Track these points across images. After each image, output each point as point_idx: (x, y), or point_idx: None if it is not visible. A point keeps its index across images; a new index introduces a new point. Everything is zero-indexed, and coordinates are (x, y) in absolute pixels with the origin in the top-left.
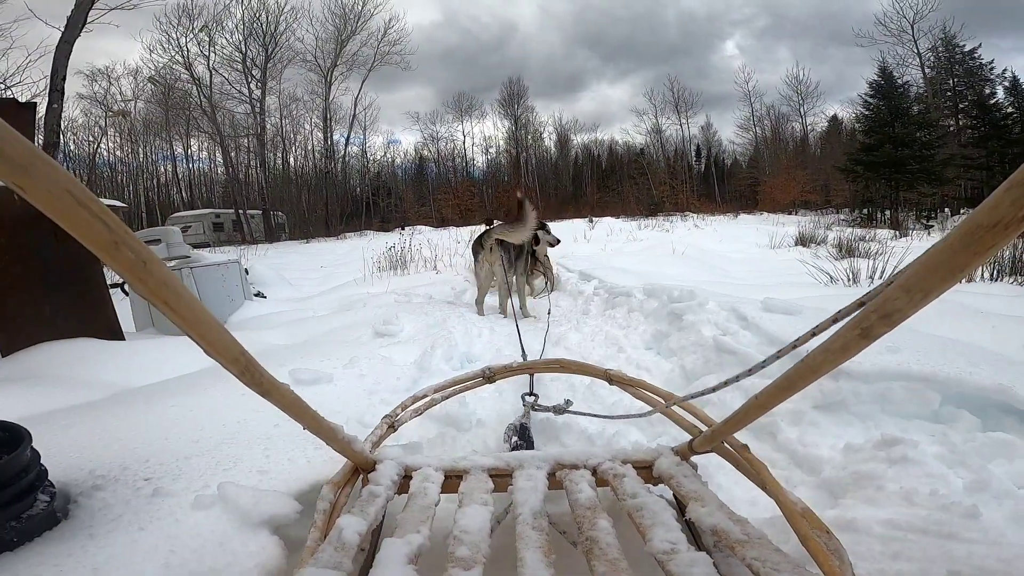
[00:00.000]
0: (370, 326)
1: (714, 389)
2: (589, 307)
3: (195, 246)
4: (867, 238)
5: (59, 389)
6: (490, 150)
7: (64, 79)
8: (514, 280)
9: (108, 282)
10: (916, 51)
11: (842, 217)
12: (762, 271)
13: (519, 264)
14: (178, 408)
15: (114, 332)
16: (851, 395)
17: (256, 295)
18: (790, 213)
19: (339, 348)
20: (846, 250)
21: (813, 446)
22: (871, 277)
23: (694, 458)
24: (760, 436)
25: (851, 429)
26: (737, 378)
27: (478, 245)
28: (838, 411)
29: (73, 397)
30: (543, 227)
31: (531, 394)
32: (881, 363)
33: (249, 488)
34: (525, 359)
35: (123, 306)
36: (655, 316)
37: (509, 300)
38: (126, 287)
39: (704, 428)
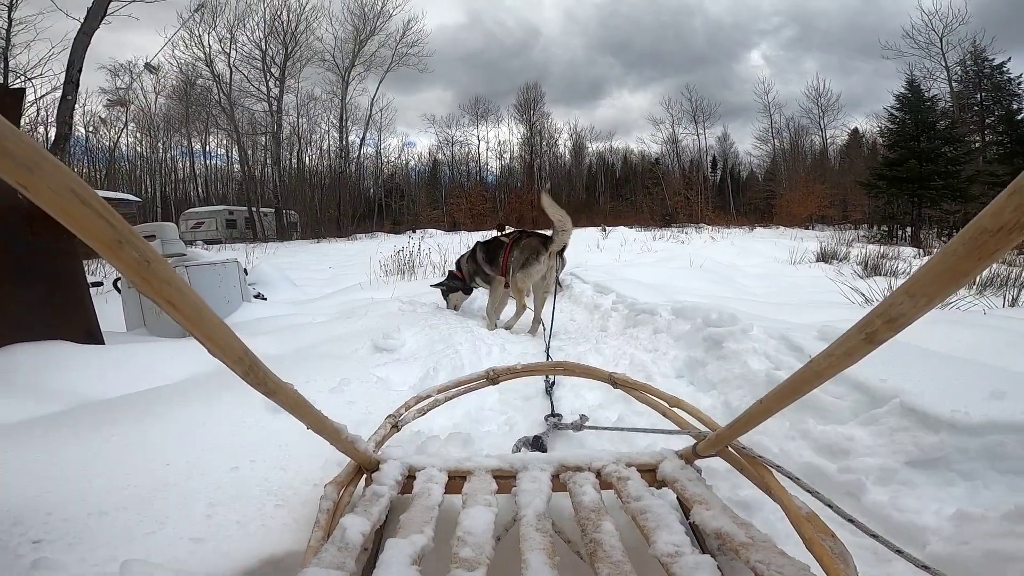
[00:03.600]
0: (369, 338)
1: None
2: (607, 324)
3: (208, 242)
4: (890, 255)
5: (12, 400)
6: (504, 155)
7: (80, 71)
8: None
9: (89, 280)
10: (944, 64)
11: (861, 233)
12: (783, 287)
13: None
14: (120, 439)
15: (91, 334)
16: (954, 450)
17: (256, 296)
18: (807, 228)
19: (329, 365)
20: (872, 267)
21: (912, 512)
22: None
23: (698, 461)
24: (839, 497)
25: (955, 490)
26: None
27: (534, 254)
28: (937, 468)
29: (16, 411)
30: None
31: (554, 415)
32: (987, 412)
33: (166, 570)
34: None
35: (115, 304)
36: (687, 340)
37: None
38: (119, 284)
39: (709, 431)
